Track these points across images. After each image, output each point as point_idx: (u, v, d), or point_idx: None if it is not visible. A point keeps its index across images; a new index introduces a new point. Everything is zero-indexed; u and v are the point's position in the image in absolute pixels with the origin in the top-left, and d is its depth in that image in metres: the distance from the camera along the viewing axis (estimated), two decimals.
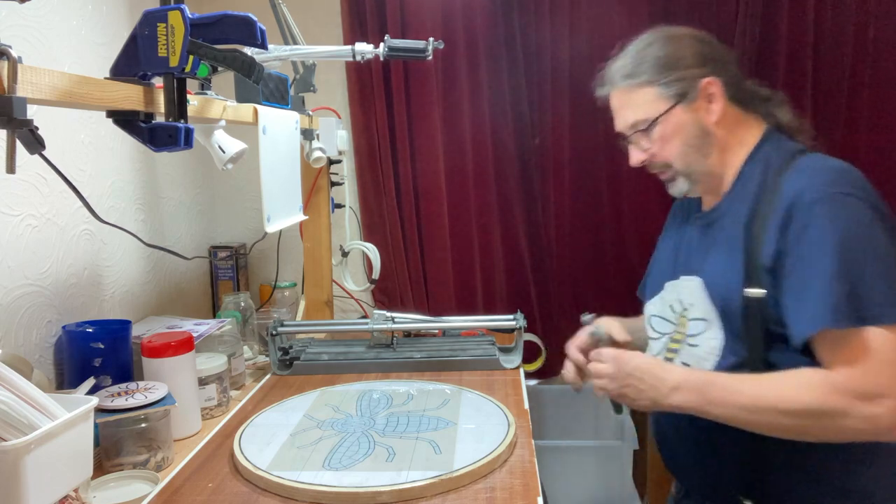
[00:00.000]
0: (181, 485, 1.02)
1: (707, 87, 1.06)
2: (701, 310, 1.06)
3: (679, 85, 1.06)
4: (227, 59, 0.84)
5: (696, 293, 1.07)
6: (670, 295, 1.14)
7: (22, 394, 0.81)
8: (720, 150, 1.08)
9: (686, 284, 1.10)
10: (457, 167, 1.95)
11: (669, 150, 1.08)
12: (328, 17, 1.93)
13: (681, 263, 1.14)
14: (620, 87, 1.11)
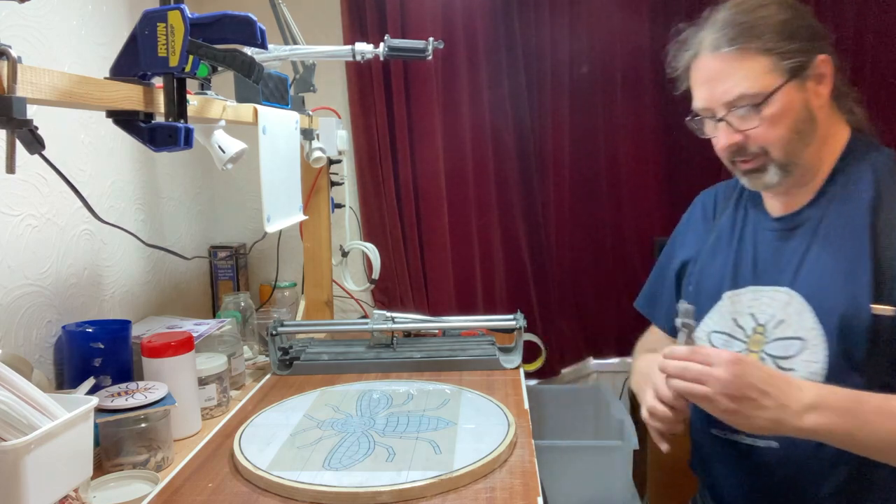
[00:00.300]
0: (181, 485, 1.02)
1: (821, 66, 0.92)
2: (795, 327, 0.92)
3: (796, 58, 0.90)
4: (226, 59, 0.84)
5: (789, 307, 0.93)
6: (737, 308, 1.01)
7: (22, 394, 0.81)
8: (818, 142, 0.95)
9: (770, 296, 0.96)
10: (457, 167, 1.95)
11: (774, 133, 0.92)
12: (328, 17, 1.93)
13: (749, 272, 1.01)
14: (724, 51, 0.92)
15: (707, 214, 1.14)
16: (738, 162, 0.97)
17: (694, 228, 1.15)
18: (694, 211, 1.18)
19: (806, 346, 0.90)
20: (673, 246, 1.19)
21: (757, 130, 0.92)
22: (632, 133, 1.97)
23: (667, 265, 1.18)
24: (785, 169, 0.94)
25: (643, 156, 1.98)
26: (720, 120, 0.94)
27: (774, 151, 0.93)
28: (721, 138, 0.95)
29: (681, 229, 1.19)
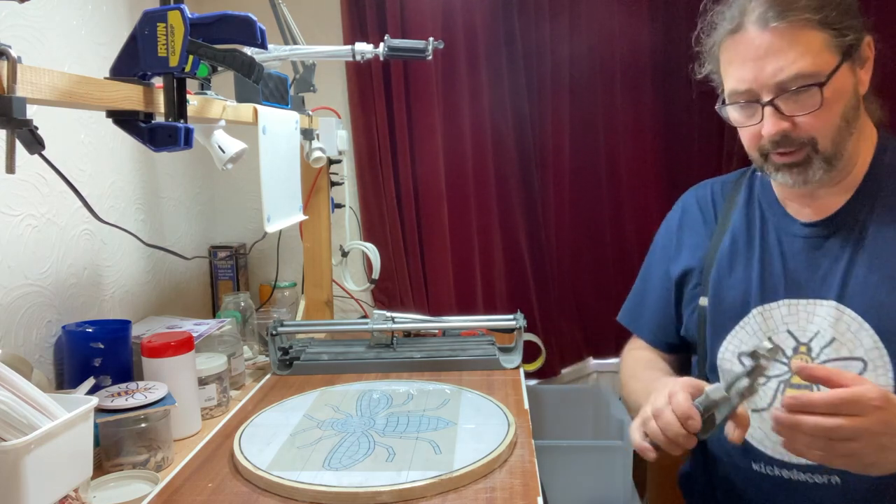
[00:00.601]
0: (181, 485, 1.02)
1: (867, 48, 0.85)
2: (851, 347, 0.83)
3: (851, 36, 0.82)
4: (226, 58, 0.84)
5: (840, 324, 0.84)
6: (769, 325, 0.91)
7: (22, 394, 0.81)
8: (857, 135, 0.87)
9: (810, 311, 0.87)
10: (457, 167, 1.95)
11: (826, 120, 0.82)
12: (328, 17, 1.93)
13: (780, 284, 0.91)
14: (775, 25, 0.80)
15: (706, 217, 1.04)
16: (777, 154, 0.85)
17: (690, 233, 1.04)
18: (686, 213, 1.07)
19: (870, 369, 0.81)
20: (665, 253, 1.08)
21: (807, 117, 0.81)
22: (632, 132, 1.97)
23: (655, 275, 1.09)
24: (830, 163, 0.84)
25: (643, 155, 1.98)
26: (768, 104, 0.82)
27: (822, 141, 0.82)
28: (768, 125, 0.82)
29: (669, 234, 1.08)
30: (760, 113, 0.84)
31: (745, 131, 0.89)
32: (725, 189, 1.05)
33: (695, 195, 1.09)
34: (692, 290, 1.02)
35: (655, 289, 1.10)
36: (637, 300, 1.13)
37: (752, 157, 0.91)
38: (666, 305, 1.07)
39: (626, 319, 1.14)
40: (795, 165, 0.85)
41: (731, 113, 0.89)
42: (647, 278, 1.12)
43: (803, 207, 0.93)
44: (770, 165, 0.88)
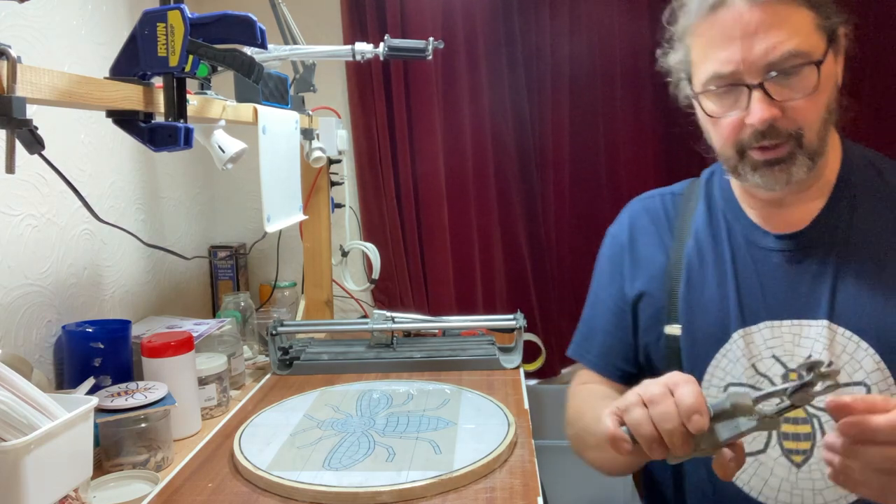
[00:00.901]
0: (181, 485, 1.02)
1: (843, 38, 0.78)
2: (850, 370, 0.75)
3: (834, 20, 0.75)
4: (226, 58, 0.84)
5: (835, 346, 0.76)
6: (752, 351, 0.81)
7: (22, 394, 0.81)
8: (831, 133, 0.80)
9: (796, 333, 0.78)
10: (457, 167, 1.95)
11: (815, 108, 0.74)
12: (328, 17, 1.93)
13: (759, 305, 0.81)
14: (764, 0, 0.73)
15: (660, 230, 0.92)
16: (758, 150, 0.76)
17: (644, 248, 0.92)
18: (637, 227, 0.94)
19: (871, 392, 0.73)
20: (615, 273, 0.95)
21: (799, 103, 0.73)
22: (632, 132, 1.97)
23: (606, 298, 0.96)
24: (813, 160, 0.76)
25: (643, 155, 1.98)
26: (757, 86, 0.73)
27: (809, 134, 0.75)
28: (756, 110, 0.73)
29: (619, 252, 0.95)
30: (745, 99, 0.74)
31: (722, 124, 0.78)
32: (676, 200, 0.94)
33: (643, 206, 0.97)
34: (654, 314, 0.89)
35: (607, 313, 0.96)
36: (587, 330, 0.99)
37: (726, 155, 0.80)
38: (621, 331, 0.93)
39: (577, 352, 0.99)
40: (778, 162, 0.76)
41: (708, 103, 0.79)
42: (596, 303, 0.98)
43: (773, 217, 0.83)
44: (747, 165, 0.78)
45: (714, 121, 0.80)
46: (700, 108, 0.81)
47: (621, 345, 0.94)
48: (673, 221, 0.92)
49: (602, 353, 0.97)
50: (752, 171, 0.79)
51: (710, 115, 0.79)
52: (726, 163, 0.82)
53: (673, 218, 0.92)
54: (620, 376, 0.95)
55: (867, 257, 0.77)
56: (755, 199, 0.85)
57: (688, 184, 0.97)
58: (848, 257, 0.78)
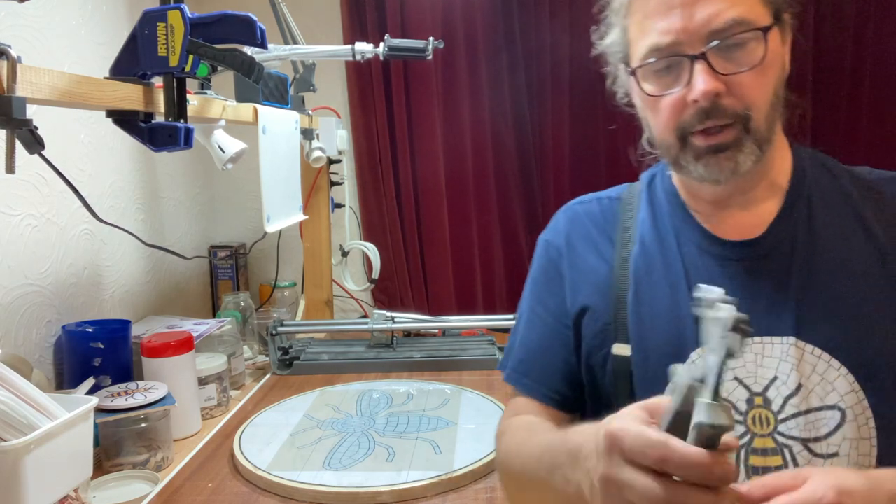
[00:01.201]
0: (181, 485, 1.02)
1: (790, 24, 0.72)
2: (822, 392, 0.67)
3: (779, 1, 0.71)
4: (226, 58, 0.84)
5: (804, 366, 0.68)
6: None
7: (22, 394, 0.81)
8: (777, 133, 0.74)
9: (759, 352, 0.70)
10: (457, 167, 1.95)
11: (764, 85, 0.69)
12: (328, 17, 1.93)
13: None
14: None
15: (600, 237, 0.82)
16: (702, 135, 0.69)
17: (583, 256, 0.82)
18: (574, 234, 0.84)
19: (846, 420, 0.65)
20: (552, 285, 0.83)
21: (745, 77, 0.67)
22: (631, 132, 1.97)
23: (543, 314, 0.84)
24: (761, 148, 0.70)
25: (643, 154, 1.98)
26: (699, 57, 0.67)
27: (757, 116, 0.68)
28: (698, 82, 0.67)
29: (553, 262, 0.84)
30: (687, 73, 0.68)
31: (661, 106, 0.71)
32: (615, 205, 0.85)
33: (580, 210, 0.87)
34: (599, 331, 0.78)
35: (546, 331, 0.83)
36: (523, 351, 0.84)
37: (667, 143, 0.72)
38: (563, 350, 0.81)
39: (512, 377, 0.84)
40: (724, 149, 0.69)
41: (646, 83, 0.71)
42: (532, 321, 0.85)
43: (723, 222, 0.75)
44: (689, 153, 0.71)
45: (653, 103, 0.72)
46: (638, 89, 0.73)
47: (565, 366, 0.81)
48: (614, 227, 0.82)
49: (542, 378, 0.82)
50: (694, 160, 0.71)
51: (649, 96, 0.71)
52: (667, 153, 0.74)
53: (614, 223, 0.83)
54: (562, 402, 0.81)
55: (833, 266, 0.70)
56: (702, 202, 0.77)
57: (625, 188, 0.88)
58: (812, 266, 0.70)
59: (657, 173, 0.86)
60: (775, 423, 0.68)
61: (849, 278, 0.69)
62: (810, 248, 0.71)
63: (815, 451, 0.66)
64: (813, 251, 0.71)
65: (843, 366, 0.67)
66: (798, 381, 0.68)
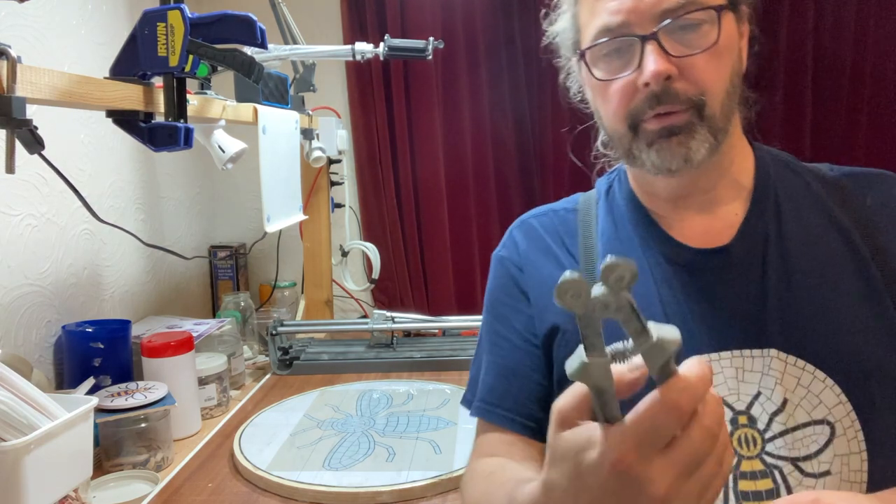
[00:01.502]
0: (181, 485, 1.02)
1: (745, 14, 0.69)
2: (809, 407, 0.62)
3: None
4: (226, 58, 0.84)
5: (788, 379, 0.63)
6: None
7: (22, 394, 0.81)
8: (736, 124, 0.70)
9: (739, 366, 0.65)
10: (457, 167, 1.95)
11: (718, 69, 0.65)
12: (328, 17, 1.93)
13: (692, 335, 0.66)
14: None
15: (560, 251, 0.76)
16: (653, 120, 0.65)
17: (549, 275, 0.75)
18: (533, 251, 0.78)
19: (835, 435, 0.61)
20: (517, 307, 0.76)
21: (697, 60, 0.63)
22: None
23: (510, 338, 0.76)
24: (716, 137, 0.65)
25: None
26: (648, 38, 0.63)
27: (711, 101, 0.64)
28: (649, 63, 0.63)
29: (513, 283, 0.78)
30: (637, 55, 0.64)
31: (611, 92, 0.67)
32: (570, 217, 0.81)
33: (536, 224, 0.81)
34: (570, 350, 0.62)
35: (518, 353, 0.75)
36: (492, 379, 0.76)
37: (619, 133, 0.69)
38: (537, 373, 0.74)
39: (482, 409, 0.75)
40: (675, 133, 0.64)
41: (595, 68, 0.68)
42: (497, 344, 0.77)
43: (689, 228, 0.71)
44: (641, 141, 0.66)
45: (603, 90, 0.68)
46: (588, 75, 0.69)
47: (539, 389, 0.74)
48: (575, 240, 0.77)
49: (516, 406, 0.73)
50: (647, 147, 0.66)
51: (599, 80, 0.68)
52: (619, 144, 0.70)
53: (573, 237, 0.77)
54: (539, 431, 0.73)
55: (808, 270, 0.66)
56: (661, 202, 0.73)
57: (579, 198, 0.84)
58: (787, 272, 0.66)
59: (614, 179, 0.82)
60: (762, 442, 0.63)
61: (826, 282, 0.65)
62: (783, 252, 0.67)
63: (805, 470, 0.61)
64: (786, 255, 0.67)
65: (829, 377, 0.62)
66: (783, 395, 0.63)
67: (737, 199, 0.71)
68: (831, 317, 0.64)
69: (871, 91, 1.83)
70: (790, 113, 1.82)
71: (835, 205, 0.69)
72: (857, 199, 0.69)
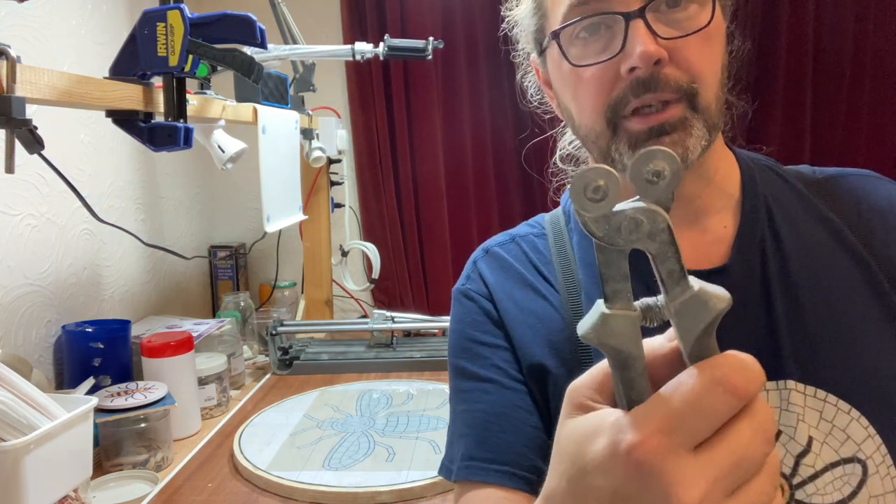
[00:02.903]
0: (181, 485, 1.02)
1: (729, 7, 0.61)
2: (837, 443, 0.55)
3: None
4: (226, 58, 0.84)
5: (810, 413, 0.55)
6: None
7: (21, 394, 0.81)
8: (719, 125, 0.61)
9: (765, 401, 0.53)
10: (457, 167, 1.95)
11: (711, 55, 0.57)
12: (328, 17, 1.93)
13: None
14: None
15: (537, 281, 0.66)
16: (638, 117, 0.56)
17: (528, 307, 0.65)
18: (505, 281, 0.68)
19: (867, 474, 0.54)
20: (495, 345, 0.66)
21: (690, 43, 0.55)
22: None
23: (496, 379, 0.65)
24: (710, 133, 0.56)
25: None
26: (634, 15, 0.54)
27: (704, 90, 0.56)
28: (637, 43, 0.54)
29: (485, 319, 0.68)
30: (620, 37, 0.55)
31: (587, 80, 0.57)
32: (539, 244, 0.69)
33: (502, 253, 0.70)
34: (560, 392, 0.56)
35: (500, 395, 0.64)
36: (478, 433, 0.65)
37: (595, 130, 0.59)
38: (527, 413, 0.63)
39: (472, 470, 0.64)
40: (668, 130, 0.55)
41: (571, 47, 0.58)
42: (479, 391, 0.66)
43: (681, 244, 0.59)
44: (622, 142, 0.57)
45: (575, 80, 0.58)
46: (559, 60, 0.59)
47: (534, 432, 0.62)
48: (549, 268, 0.66)
49: (510, 457, 0.61)
50: (628, 149, 0.57)
51: (574, 66, 0.57)
52: (594, 146, 0.60)
53: (547, 263, 0.67)
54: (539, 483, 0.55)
55: (814, 287, 0.58)
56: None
57: (544, 220, 0.72)
58: (792, 291, 0.58)
59: None
60: (790, 489, 0.54)
61: (835, 300, 0.57)
62: (784, 268, 0.59)
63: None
64: (788, 272, 0.58)
65: (854, 408, 0.54)
66: (807, 433, 0.55)
67: (724, 210, 0.62)
68: (846, 339, 0.56)
69: (871, 91, 1.83)
70: (790, 114, 1.82)
71: (829, 211, 0.62)
72: (848, 204, 0.62)
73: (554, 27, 0.59)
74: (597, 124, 0.58)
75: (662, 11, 0.55)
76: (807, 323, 0.57)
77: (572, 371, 0.56)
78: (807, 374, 0.55)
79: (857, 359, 0.56)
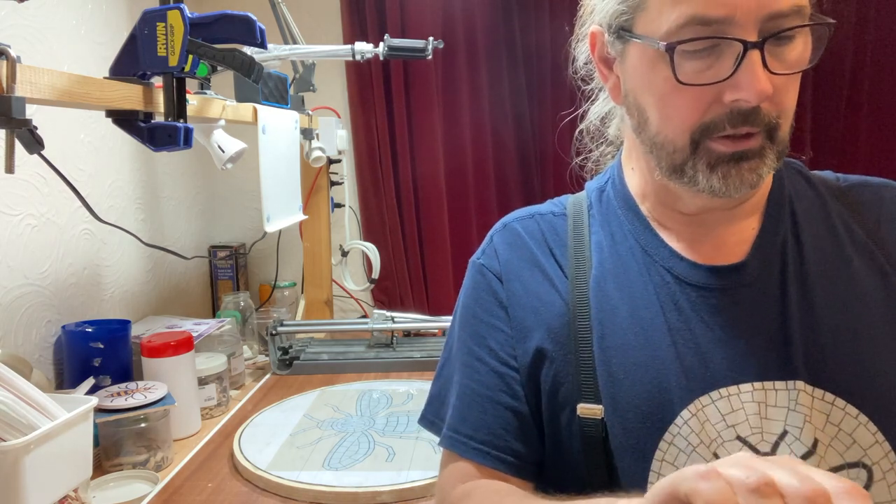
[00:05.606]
0: (181, 485, 1.02)
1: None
2: (843, 447, 0.55)
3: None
4: (226, 58, 0.84)
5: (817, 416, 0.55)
6: (710, 432, 0.57)
7: (21, 394, 0.81)
8: None
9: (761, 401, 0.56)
10: (457, 167, 1.95)
11: (794, 94, 0.57)
12: (328, 17, 1.93)
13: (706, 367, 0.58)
14: None
15: (548, 262, 0.67)
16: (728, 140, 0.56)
17: (534, 289, 0.66)
18: (516, 259, 0.68)
19: (873, 480, 0.54)
20: (493, 325, 0.67)
21: (787, 81, 0.55)
22: None
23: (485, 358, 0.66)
24: (779, 160, 0.58)
25: None
26: (755, 46, 0.53)
27: (784, 124, 0.57)
28: (755, 79, 0.52)
29: (490, 296, 0.68)
30: (732, 62, 0.53)
31: (683, 96, 0.56)
32: (557, 223, 0.70)
33: (520, 229, 0.71)
34: (560, 384, 0.63)
35: (492, 377, 0.65)
36: (464, 407, 0.66)
37: (675, 145, 0.58)
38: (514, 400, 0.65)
39: (457, 442, 0.65)
40: (749, 157, 0.56)
41: (683, 62, 0.55)
42: (469, 365, 0.67)
43: (698, 243, 0.63)
44: (701, 161, 0.57)
45: (671, 86, 0.56)
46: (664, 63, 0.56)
47: (517, 420, 0.64)
48: (563, 250, 0.67)
49: (493, 438, 0.64)
50: (708, 170, 0.57)
51: (680, 83, 0.55)
52: (667, 158, 0.59)
53: (562, 246, 0.67)
54: (519, 467, 0.64)
55: (831, 290, 0.59)
56: (677, 217, 0.64)
57: (567, 202, 0.74)
58: (809, 295, 0.58)
59: (608, 182, 0.73)
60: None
61: (852, 304, 0.58)
62: (802, 270, 0.60)
63: None
64: (806, 273, 0.59)
65: (862, 412, 0.55)
66: (813, 435, 0.55)
67: (754, 213, 0.63)
68: (860, 344, 0.57)
69: (871, 91, 1.83)
70: None
71: (850, 218, 0.63)
72: (870, 212, 0.64)
73: (654, 25, 0.56)
74: (679, 140, 0.58)
75: (775, 42, 0.54)
76: (819, 326, 0.58)
77: (567, 355, 0.62)
78: (816, 377, 0.56)
79: (867, 365, 0.56)
